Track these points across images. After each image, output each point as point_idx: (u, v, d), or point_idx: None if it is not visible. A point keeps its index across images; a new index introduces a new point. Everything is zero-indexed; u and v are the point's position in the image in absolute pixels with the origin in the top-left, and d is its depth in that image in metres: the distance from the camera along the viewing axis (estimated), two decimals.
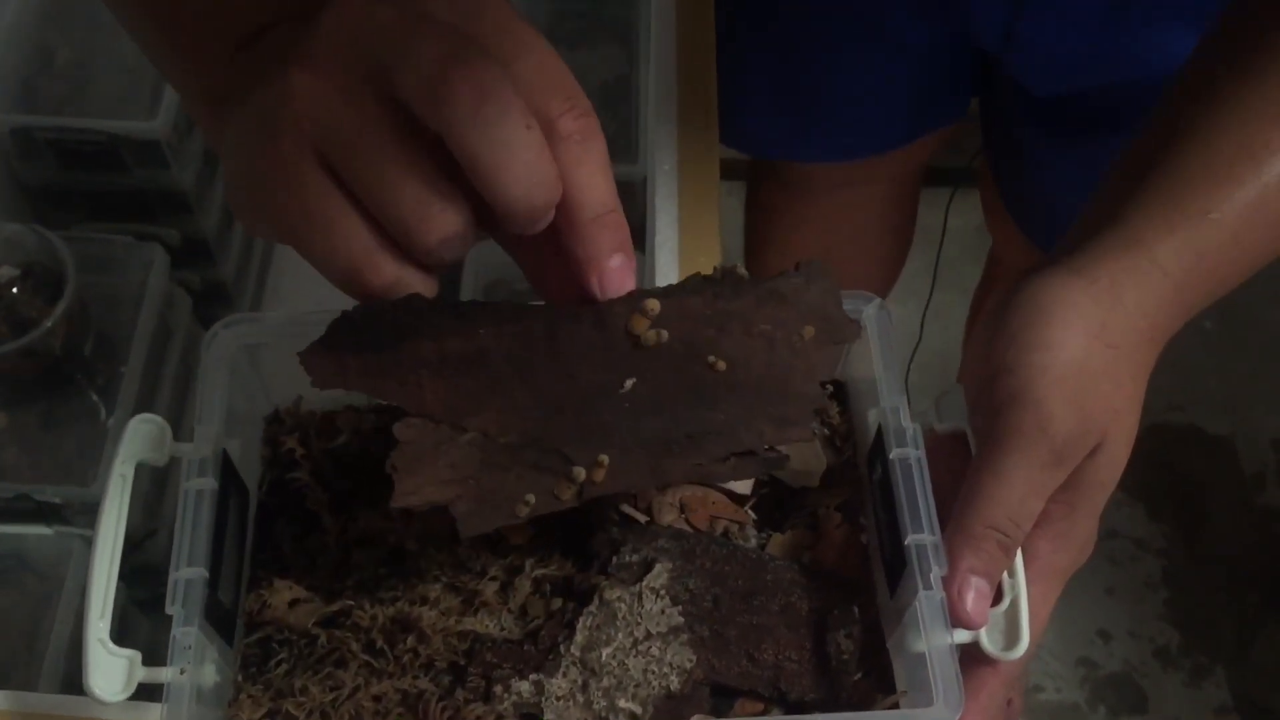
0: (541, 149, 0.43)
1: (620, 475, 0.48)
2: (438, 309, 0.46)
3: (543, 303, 0.49)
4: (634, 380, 0.48)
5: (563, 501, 0.48)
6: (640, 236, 0.84)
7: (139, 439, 0.52)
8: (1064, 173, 0.97)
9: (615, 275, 0.46)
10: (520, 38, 0.45)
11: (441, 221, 0.43)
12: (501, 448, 0.47)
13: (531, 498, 0.47)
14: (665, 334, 0.47)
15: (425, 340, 0.46)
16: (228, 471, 0.53)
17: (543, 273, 0.49)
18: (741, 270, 0.51)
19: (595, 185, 0.45)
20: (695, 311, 0.48)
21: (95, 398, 0.93)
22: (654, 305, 0.47)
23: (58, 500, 0.86)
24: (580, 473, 0.47)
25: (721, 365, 0.48)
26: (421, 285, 0.46)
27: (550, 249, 0.47)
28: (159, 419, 0.52)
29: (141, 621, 0.93)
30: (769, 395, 0.49)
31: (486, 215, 0.44)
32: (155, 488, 0.92)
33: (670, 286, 0.49)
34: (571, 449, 0.47)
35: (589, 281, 0.46)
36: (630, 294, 0.47)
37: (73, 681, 0.83)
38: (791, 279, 0.50)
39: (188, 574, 0.49)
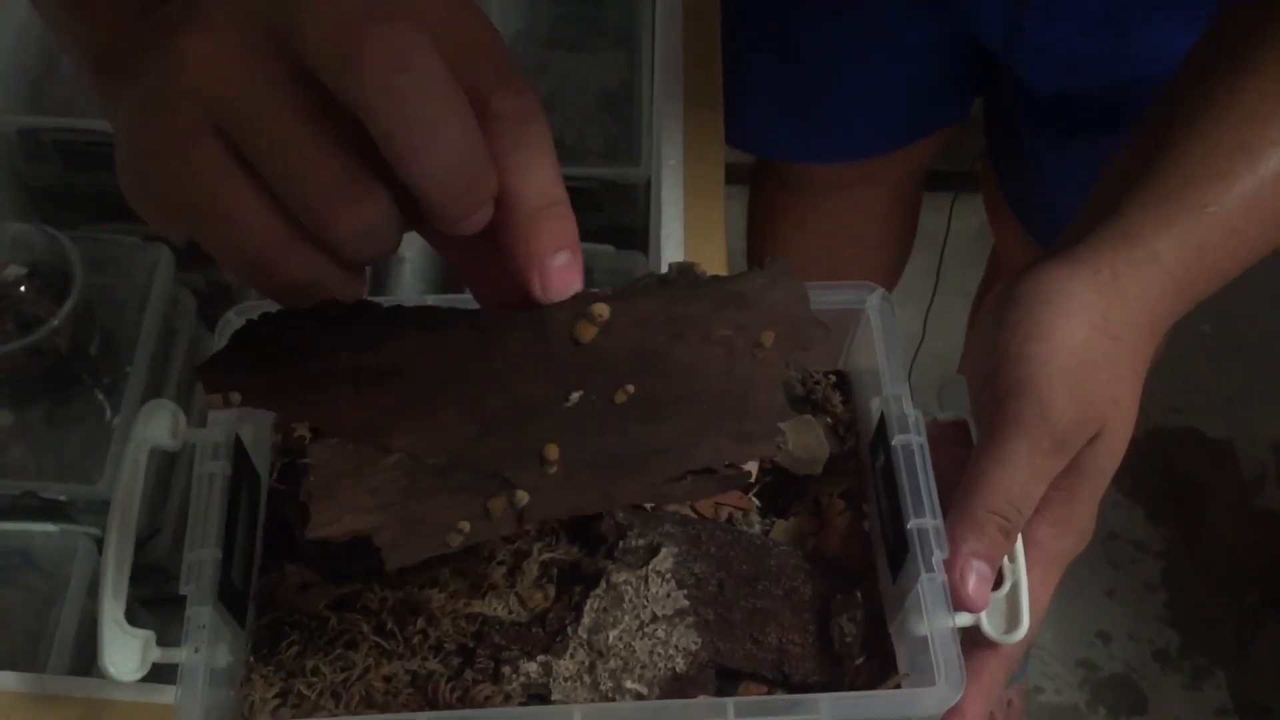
0: (469, 128, 0.37)
1: (566, 498, 0.43)
2: (357, 315, 0.41)
3: (478, 307, 0.44)
4: (580, 393, 0.43)
5: (502, 528, 0.43)
6: (644, 237, 0.84)
7: (153, 423, 0.52)
8: (1065, 171, 0.97)
9: (559, 275, 0.40)
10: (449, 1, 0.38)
11: (357, 210, 0.37)
12: (430, 470, 0.42)
13: (466, 525, 0.42)
14: (615, 341, 0.43)
15: (341, 351, 0.41)
16: (240, 456, 0.53)
17: (477, 272, 0.44)
18: (700, 269, 0.48)
19: (536, 172, 0.39)
20: (649, 316, 0.44)
21: (100, 396, 0.94)
22: (603, 310, 0.43)
23: (63, 498, 0.86)
24: (523, 496, 0.42)
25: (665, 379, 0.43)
26: (341, 284, 0.40)
27: (485, 245, 0.40)
28: (172, 404, 0.53)
29: (146, 620, 0.93)
30: (728, 408, 0.45)
31: (416, 206, 0.38)
32: (160, 488, 0.93)
33: (620, 289, 0.45)
34: (511, 470, 0.43)
35: (530, 282, 0.40)
36: (576, 296, 0.41)
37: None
38: (755, 278, 0.46)
39: (202, 554, 0.49)
